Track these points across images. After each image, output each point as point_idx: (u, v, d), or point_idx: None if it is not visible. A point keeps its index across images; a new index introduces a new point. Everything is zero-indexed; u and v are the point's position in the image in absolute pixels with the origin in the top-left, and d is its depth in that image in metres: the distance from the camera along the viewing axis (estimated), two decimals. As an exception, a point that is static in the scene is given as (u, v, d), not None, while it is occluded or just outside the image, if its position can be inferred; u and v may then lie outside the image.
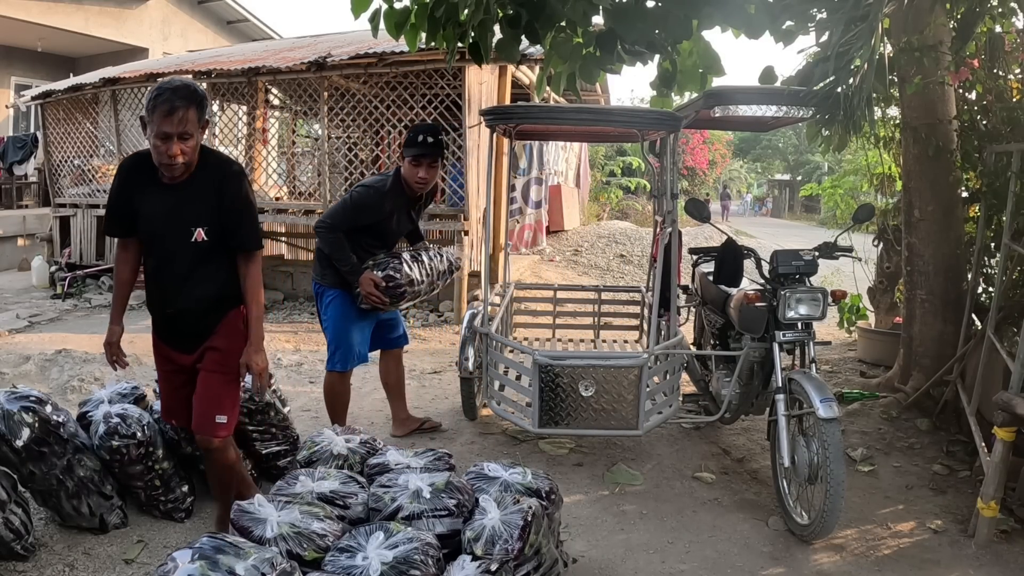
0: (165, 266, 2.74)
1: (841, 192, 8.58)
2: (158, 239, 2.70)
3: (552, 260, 11.57)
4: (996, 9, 4.11)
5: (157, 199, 2.64)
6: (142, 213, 2.65)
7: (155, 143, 2.46)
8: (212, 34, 16.80)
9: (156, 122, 2.43)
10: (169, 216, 2.64)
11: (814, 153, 34.28)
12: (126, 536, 3.08)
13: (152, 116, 2.44)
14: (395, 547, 2.08)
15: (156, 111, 2.43)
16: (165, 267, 2.74)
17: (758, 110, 3.79)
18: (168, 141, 2.45)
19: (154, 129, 2.44)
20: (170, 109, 2.42)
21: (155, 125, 2.44)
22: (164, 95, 2.44)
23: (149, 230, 2.69)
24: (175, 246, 2.67)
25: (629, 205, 20.75)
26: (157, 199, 2.64)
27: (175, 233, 2.66)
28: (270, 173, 9.54)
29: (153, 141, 2.46)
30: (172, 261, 2.72)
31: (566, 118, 4.24)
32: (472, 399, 4.49)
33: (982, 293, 4.52)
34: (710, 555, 3.14)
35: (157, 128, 2.44)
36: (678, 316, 4.42)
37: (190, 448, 3.32)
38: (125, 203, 2.68)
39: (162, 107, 2.42)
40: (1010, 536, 3.29)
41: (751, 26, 3.47)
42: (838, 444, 3.05)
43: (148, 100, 2.46)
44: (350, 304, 3.90)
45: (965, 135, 4.58)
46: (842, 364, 6.05)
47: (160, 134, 2.44)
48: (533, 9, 3.36)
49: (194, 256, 2.69)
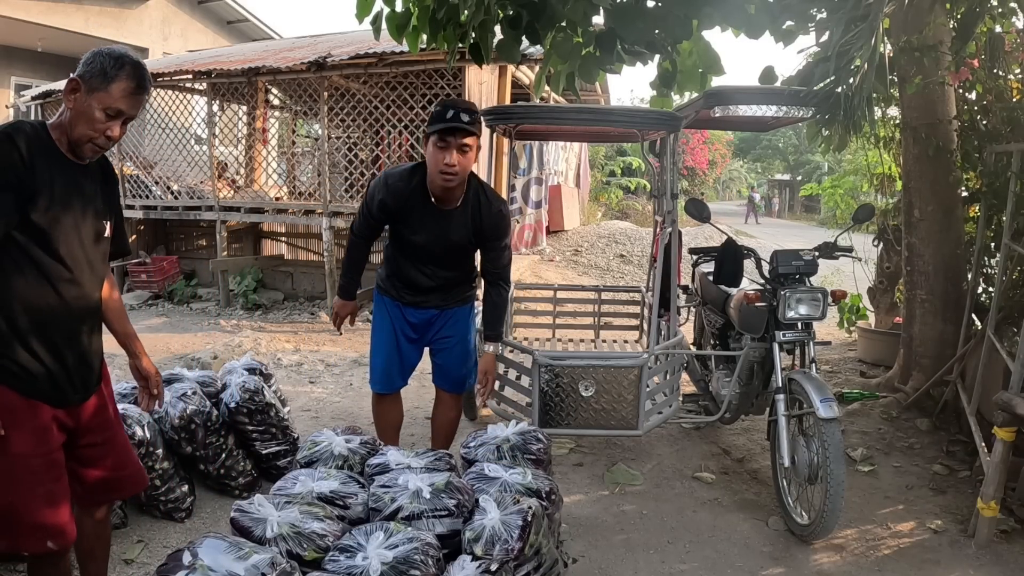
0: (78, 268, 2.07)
1: (841, 192, 8.60)
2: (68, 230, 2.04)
3: (552, 260, 11.57)
4: (996, 9, 4.11)
5: (70, 179, 2.05)
6: (45, 193, 1.97)
7: (96, 115, 1.98)
8: (212, 34, 16.78)
9: (114, 95, 1.99)
10: (86, 203, 2.09)
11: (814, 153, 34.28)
12: (126, 536, 3.08)
13: (108, 86, 1.98)
14: (395, 547, 2.08)
15: (117, 82, 1.99)
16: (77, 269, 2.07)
17: (758, 110, 3.79)
18: (117, 120, 2.02)
19: (105, 101, 1.98)
20: (138, 87, 2.03)
21: (109, 97, 1.98)
22: (137, 69, 2.02)
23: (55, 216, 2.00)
24: (89, 239, 2.10)
25: (629, 205, 20.75)
26: (70, 179, 2.05)
27: (88, 224, 2.09)
28: (270, 173, 9.55)
29: (96, 113, 1.98)
30: (91, 262, 2.11)
31: (566, 118, 4.24)
32: (472, 399, 4.49)
33: (982, 293, 4.52)
34: (710, 555, 3.14)
35: (112, 102, 1.99)
36: (678, 316, 4.42)
37: (190, 448, 3.32)
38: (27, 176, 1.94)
39: (129, 82, 2.01)
40: (1010, 536, 3.29)
41: (751, 26, 3.48)
42: (838, 444, 3.05)
43: (107, 65, 1.99)
44: (385, 315, 3.34)
45: (965, 135, 4.58)
46: (842, 364, 6.05)
47: (113, 110, 2.00)
48: (534, 10, 3.37)
49: (104, 256, 2.20)
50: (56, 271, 2.00)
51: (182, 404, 3.30)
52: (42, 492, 1.99)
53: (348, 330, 7.16)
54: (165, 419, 3.27)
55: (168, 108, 9.76)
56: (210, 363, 5.83)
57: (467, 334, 3.43)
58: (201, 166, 9.74)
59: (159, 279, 9.58)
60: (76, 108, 2.00)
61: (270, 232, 10.84)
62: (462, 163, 2.92)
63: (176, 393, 3.36)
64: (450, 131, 2.88)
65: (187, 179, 9.89)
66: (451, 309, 3.36)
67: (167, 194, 9.79)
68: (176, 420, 3.26)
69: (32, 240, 1.95)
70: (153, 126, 9.95)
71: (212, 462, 3.41)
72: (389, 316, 3.33)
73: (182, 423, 3.26)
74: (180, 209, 9.49)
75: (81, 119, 2.00)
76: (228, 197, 9.39)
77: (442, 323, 3.36)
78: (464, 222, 3.11)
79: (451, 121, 2.87)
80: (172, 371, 3.70)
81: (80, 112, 2.00)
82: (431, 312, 3.33)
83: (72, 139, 2.02)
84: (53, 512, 2.01)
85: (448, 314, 3.36)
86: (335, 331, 3.45)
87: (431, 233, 3.10)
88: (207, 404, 3.40)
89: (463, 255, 3.28)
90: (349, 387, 5.49)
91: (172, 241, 10.81)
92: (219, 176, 9.45)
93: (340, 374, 5.89)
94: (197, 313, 8.63)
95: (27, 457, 1.95)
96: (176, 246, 10.77)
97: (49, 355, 2.02)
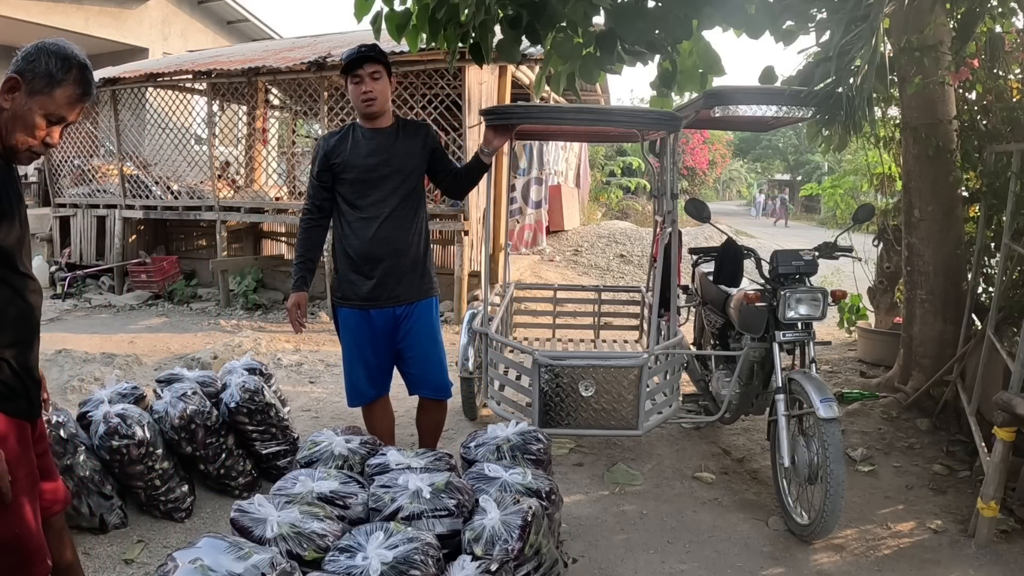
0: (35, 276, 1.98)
1: (841, 192, 8.60)
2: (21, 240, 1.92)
3: (552, 260, 11.57)
4: (996, 9, 4.11)
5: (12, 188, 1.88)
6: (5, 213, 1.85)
7: (36, 121, 1.83)
8: (212, 34, 16.79)
9: (59, 101, 1.84)
10: (23, 209, 1.95)
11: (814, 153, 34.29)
12: (126, 536, 3.08)
13: (52, 91, 1.83)
14: (395, 547, 2.08)
15: (63, 87, 1.84)
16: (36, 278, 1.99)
17: (758, 110, 3.79)
18: (59, 126, 1.88)
19: (48, 107, 1.84)
20: (84, 93, 1.89)
21: (53, 103, 1.84)
22: (84, 73, 1.88)
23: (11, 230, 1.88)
24: (29, 244, 1.98)
25: (629, 205, 20.75)
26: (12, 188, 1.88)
27: (26, 230, 1.96)
28: (270, 173, 9.55)
29: (37, 119, 1.83)
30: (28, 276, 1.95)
31: (566, 118, 4.24)
32: (472, 399, 4.49)
33: (982, 293, 4.52)
34: (710, 555, 3.14)
35: (56, 108, 1.84)
36: (678, 316, 4.42)
37: (190, 448, 3.32)
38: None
39: (76, 88, 1.86)
40: (1010, 536, 3.29)
41: (751, 26, 3.48)
42: (838, 444, 3.05)
43: (53, 67, 1.82)
44: (348, 331, 3.33)
45: (965, 135, 4.58)
46: (842, 364, 6.05)
47: (57, 116, 1.86)
48: (534, 10, 3.37)
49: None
50: (22, 283, 1.89)
51: (182, 404, 3.30)
52: (35, 513, 1.91)
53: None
54: (165, 419, 3.27)
55: (168, 108, 9.77)
56: (210, 363, 5.83)
57: (435, 333, 3.39)
58: (201, 166, 9.74)
59: (159, 279, 9.57)
60: (14, 110, 1.82)
61: (270, 232, 10.84)
62: (377, 88, 3.18)
63: (176, 393, 3.36)
64: (356, 63, 3.16)
65: (187, 179, 9.90)
66: (413, 304, 3.30)
67: (167, 194, 9.79)
68: (176, 420, 3.26)
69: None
70: (153, 126, 9.95)
71: (212, 462, 3.41)
72: (352, 331, 3.31)
73: (182, 423, 3.26)
74: (180, 209, 9.49)
75: (19, 124, 1.83)
76: (228, 197, 9.39)
77: (408, 326, 3.30)
78: (399, 139, 3.28)
79: (353, 57, 3.16)
80: (172, 371, 3.71)
81: (18, 116, 1.82)
82: (394, 311, 3.27)
83: (7, 144, 1.85)
84: (39, 532, 1.92)
85: (412, 312, 3.29)
86: (335, 331, 3.45)
87: (374, 158, 3.22)
88: (207, 404, 3.40)
89: (411, 192, 3.28)
90: (349, 387, 5.49)
91: (172, 241, 10.81)
92: (219, 176, 9.45)
93: (340, 374, 5.86)
94: (197, 313, 8.63)
95: (19, 481, 1.85)
96: (176, 246, 10.77)
97: (23, 370, 1.90)
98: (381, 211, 3.21)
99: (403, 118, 3.42)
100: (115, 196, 9.89)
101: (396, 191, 3.22)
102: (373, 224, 3.21)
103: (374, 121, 3.27)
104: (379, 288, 3.24)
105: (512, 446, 2.89)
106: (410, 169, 3.26)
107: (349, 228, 3.26)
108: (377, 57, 3.18)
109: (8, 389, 1.86)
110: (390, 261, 3.23)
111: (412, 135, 3.31)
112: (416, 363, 3.35)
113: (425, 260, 3.36)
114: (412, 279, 3.29)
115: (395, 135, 3.28)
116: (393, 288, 3.25)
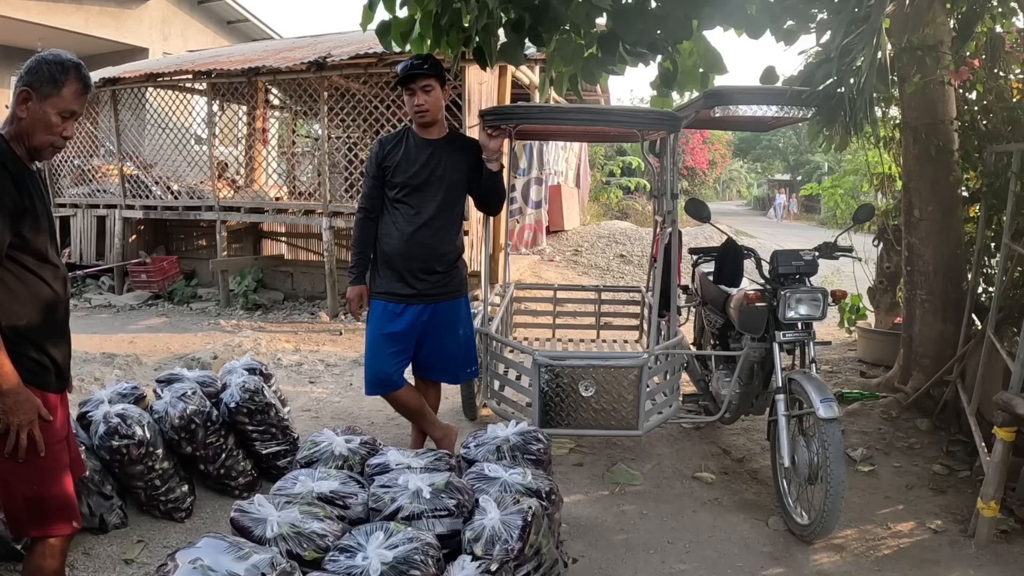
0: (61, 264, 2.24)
1: (841, 192, 8.59)
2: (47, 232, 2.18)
3: (552, 260, 11.57)
4: (996, 9, 4.11)
5: (36, 186, 2.15)
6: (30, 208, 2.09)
7: (53, 120, 2.10)
8: (212, 34, 16.80)
9: (67, 97, 2.10)
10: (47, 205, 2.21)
11: (814, 153, 34.30)
12: (126, 536, 3.08)
13: (59, 91, 2.09)
14: (395, 547, 2.08)
15: (67, 86, 2.10)
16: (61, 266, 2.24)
17: (758, 110, 3.79)
18: (72, 120, 2.15)
19: (59, 106, 2.09)
20: (85, 87, 2.16)
21: (63, 101, 2.10)
22: (80, 70, 2.14)
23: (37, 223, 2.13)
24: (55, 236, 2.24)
25: (629, 205, 20.75)
26: (36, 186, 2.15)
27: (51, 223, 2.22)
28: (270, 173, 9.55)
29: (53, 118, 2.09)
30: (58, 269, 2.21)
31: (566, 118, 4.24)
32: (472, 399, 4.49)
33: (982, 293, 4.52)
34: (710, 555, 3.14)
35: (66, 105, 2.10)
36: (678, 316, 4.42)
37: (190, 448, 3.32)
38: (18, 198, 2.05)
39: (78, 83, 2.13)
40: (1010, 536, 3.29)
41: (752, 26, 3.48)
42: (838, 444, 3.05)
43: (54, 72, 2.09)
44: (373, 322, 3.48)
45: (965, 135, 4.58)
46: (842, 364, 6.05)
47: (68, 111, 2.12)
48: (536, 13, 3.37)
49: None
50: (50, 272, 2.16)
51: (182, 404, 3.30)
52: (63, 476, 2.17)
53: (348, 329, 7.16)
54: (165, 419, 3.27)
55: (168, 108, 9.76)
56: (210, 363, 5.83)
57: (459, 330, 3.54)
58: (201, 166, 9.74)
59: (159, 279, 9.58)
60: (31, 117, 2.09)
61: (270, 232, 10.84)
62: (429, 100, 3.35)
63: (176, 393, 3.36)
64: (410, 79, 3.33)
65: (187, 179, 9.90)
66: (443, 303, 3.46)
67: (167, 194, 9.79)
68: (176, 420, 3.26)
69: (25, 251, 2.08)
70: (153, 126, 9.95)
71: (212, 462, 3.41)
72: (378, 321, 3.45)
73: (182, 423, 3.26)
74: (180, 209, 9.49)
75: (39, 126, 2.10)
76: (228, 197, 9.39)
77: (435, 322, 3.46)
78: (449, 151, 3.46)
79: (408, 71, 3.32)
80: (172, 371, 3.71)
81: (36, 120, 2.09)
82: (422, 309, 3.42)
83: (32, 146, 2.12)
84: (70, 494, 2.18)
85: (440, 310, 3.46)
86: (335, 331, 3.50)
87: (424, 166, 3.41)
88: (207, 404, 3.40)
89: (452, 202, 3.48)
90: (349, 387, 5.49)
91: (172, 241, 10.81)
92: (219, 176, 9.46)
93: (340, 374, 5.89)
94: (197, 313, 8.63)
95: (50, 445, 2.11)
96: (176, 246, 10.77)
97: (55, 348, 2.19)
98: (421, 216, 3.39)
99: (456, 131, 3.63)
100: (115, 196, 9.89)
101: (437, 199, 3.42)
102: (411, 227, 3.39)
103: (427, 130, 3.45)
104: (409, 286, 3.42)
105: (512, 446, 2.89)
106: (454, 181, 3.45)
107: (390, 227, 3.44)
108: (429, 71, 3.33)
109: (37, 365, 2.14)
110: (422, 264, 3.41)
111: (461, 149, 3.51)
112: (436, 354, 3.54)
113: (457, 262, 3.55)
114: (443, 280, 3.48)
115: (446, 147, 3.46)
116: (423, 288, 3.43)
